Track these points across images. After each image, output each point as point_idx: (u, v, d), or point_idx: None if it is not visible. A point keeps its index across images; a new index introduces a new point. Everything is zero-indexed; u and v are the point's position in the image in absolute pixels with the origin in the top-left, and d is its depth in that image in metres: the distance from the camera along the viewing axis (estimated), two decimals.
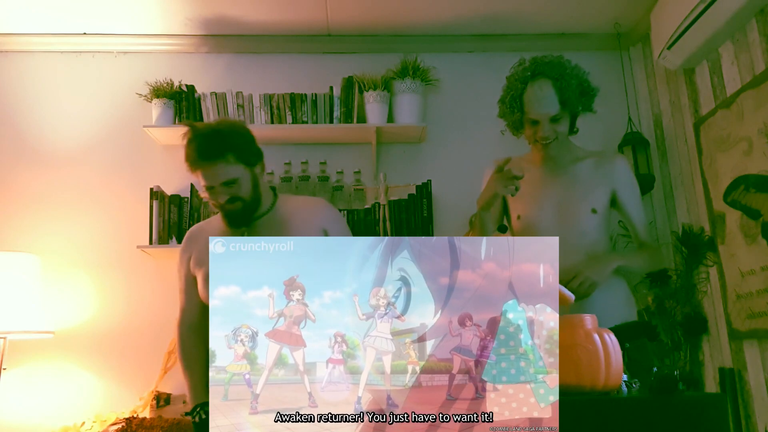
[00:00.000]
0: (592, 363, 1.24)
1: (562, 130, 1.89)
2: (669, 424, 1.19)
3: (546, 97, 1.82)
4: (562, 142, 1.92)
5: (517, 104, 1.87)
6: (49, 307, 2.72)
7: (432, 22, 3.06)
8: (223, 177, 1.74)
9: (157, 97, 2.91)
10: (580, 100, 1.87)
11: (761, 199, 2.31)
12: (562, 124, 1.87)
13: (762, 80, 2.29)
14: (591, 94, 1.92)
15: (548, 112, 1.82)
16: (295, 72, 3.12)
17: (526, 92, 1.85)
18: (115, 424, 2.46)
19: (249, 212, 1.82)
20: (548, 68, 1.84)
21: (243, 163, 1.77)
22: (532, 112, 1.84)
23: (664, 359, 2.76)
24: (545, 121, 1.84)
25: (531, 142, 1.95)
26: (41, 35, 3.04)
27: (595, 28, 3.15)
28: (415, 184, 2.86)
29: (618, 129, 3.04)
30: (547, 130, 1.84)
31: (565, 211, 1.90)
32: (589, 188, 1.93)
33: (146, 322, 2.81)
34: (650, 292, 2.81)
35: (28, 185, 2.92)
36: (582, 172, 1.95)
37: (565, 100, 1.82)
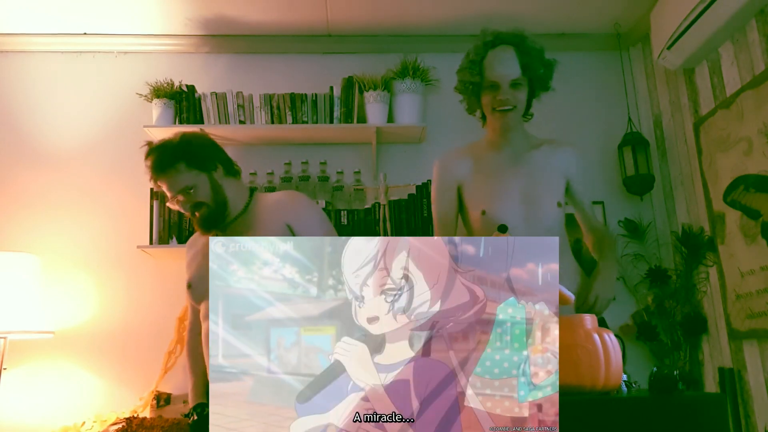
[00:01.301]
0: (592, 363, 1.24)
1: (521, 99, 1.83)
2: (669, 424, 1.19)
3: (507, 59, 1.79)
4: (518, 120, 1.87)
5: (476, 68, 1.83)
6: (49, 307, 2.72)
7: (432, 22, 3.06)
8: (178, 185, 1.81)
9: (158, 97, 2.91)
10: (541, 70, 1.83)
11: (761, 199, 2.31)
12: (521, 91, 1.82)
13: (762, 80, 2.29)
14: (550, 71, 1.87)
15: (509, 74, 1.79)
16: (295, 72, 3.13)
17: (487, 57, 1.82)
18: (115, 424, 2.46)
19: (217, 215, 1.86)
20: (510, 37, 1.83)
21: (197, 169, 1.82)
22: (492, 74, 1.80)
23: (664, 359, 2.77)
24: (505, 85, 1.79)
25: (489, 112, 1.87)
26: (41, 35, 3.04)
27: (595, 28, 3.15)
28: (415, 184, 2.86)
29: (618, 129, 3.05)
30: (506, 92, 1.79)
31: (531, 206, 1.84)
32: (550, 179, 1.88)
33: (146, 322, 2.81)
34: (650, 292, 2.82)
35: (28, 185, 2.92)
36: (540, 160, 1.89)
37: (526, 65, 1.79)
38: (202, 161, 1.84)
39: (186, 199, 1.83)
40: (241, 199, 1.92)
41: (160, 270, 2.86)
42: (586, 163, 2.09)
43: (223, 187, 1.87)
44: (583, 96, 3.17)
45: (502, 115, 1.83)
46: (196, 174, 1.82)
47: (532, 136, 1.98)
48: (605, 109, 3.16)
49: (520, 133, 1.92)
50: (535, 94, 1.91)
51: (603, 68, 3.22)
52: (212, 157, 1.88)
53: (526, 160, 1.90)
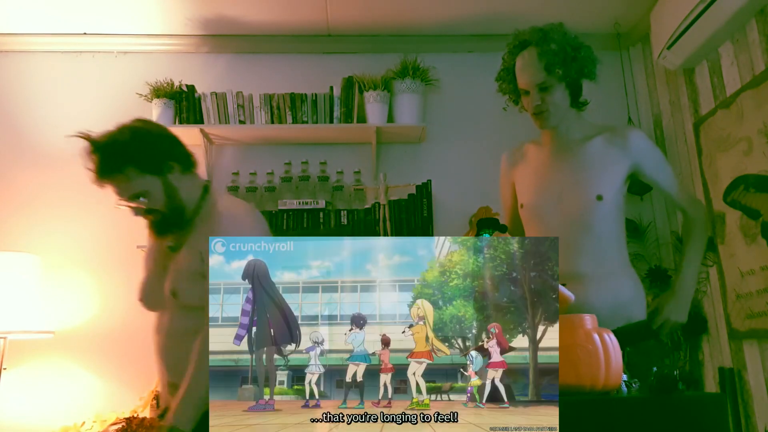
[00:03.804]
0: (592, 363, 1.24)
1: (556, 101, 1.78)
2: (669, 424, 1.19)
3: (531, 65, 1.76)
4: (561, 115, 1.82)
5: (509, 76, 1.84)
6: (49, 307, 2.72)
7: (432, 22, 3.06)
8: (128, 192, 1.58)
9: (158, 97, 2.91)
10: (569, 66, 1.77)
11: (761, 199, 2.31)
12: (554, 93, 1.77)
13: (762, 80, 2.29)
14: (583, 59, 1.80)
15: (533, 80, 1.76)
16: (295, 72, 3.12)
17: (516, 63, 1.81)
18: (115, 424, 2.46)
19: (172, 221, 1.63)
20: (531, 35, 1.80)
21: (150, 174, 1.57)
22: (520, 82, 1.80)
23: (664, 359, 2.77)
24: (534, 90, 1.77)
25: (530, 115, 1.85)
26: (41, 35, 3.04)
27: (595, 28, 3.14)
28: (415, 184, 2.86)
29: None
30: (536, 98, 1.77)
31: (566, 200, 1.78)
32: (598, 171, 1.79)
33: (147, 322, 2.76)
34: (650, 292, 2.82)
35: (28, 185, 2.92)
36: (592, 151, 1.81)
37: (549, 64, 1.74)
38: (156, 164, 1.58)
39: (137, 205, 1.60)
40: (195, 199, 1.67)
41: None
42: None
43: (179, 190, 1.62)
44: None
45: (538, 118, 1.82)
46: (149, 179, 1.57)
47: (592, 124, 1.91)
48: (605, 109, 3.15)
49: (568, 127, 1.86)
50: (577, 84, 1.85)
51: (603, 68, 3.20)
52: (167, 155, 1.61)
53: (574, 153, 1.84)
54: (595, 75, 1.85)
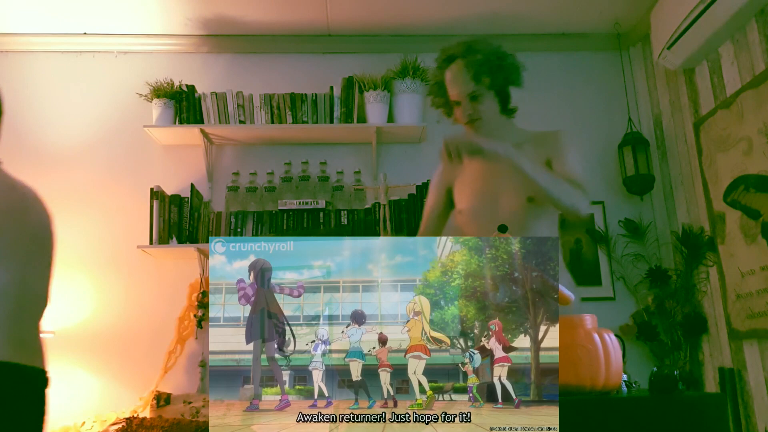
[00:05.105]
0: (592, 363, 1.24)
1: (486, 109, 1.85)
2: (669, 424, 1.19)
3: (459, 76, 1.84)
4: (494, 123, 1.88)
5: (441, 90, 1.90)
6: (48, 307, 2.71)
7: (432, 22, 3.06)
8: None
9: (158, 97, 2.91)
10: (496, 74, 1.83)
11: (761, 199, 2.31)
12: (484, 102, 1.84)
13: (762, 80, 2.29)
14: (508, 67, 1.86)
15: (464, 90, 1.83)
16: (295, 72, 3.12)
17: (445, 77, 1.88)
18: (115, 424, 2.46)
19: None
20: (457, 49, 1.86)
21: None
22: (451, 93, 1.87)
23: (664, 359, 2.77)
24: (465, 100, 1.84)
25: (465, 125, 1.92)
26: (41, 35, 3.04)
27: (595, 28, 3.15)
28: (415, 184, 2.86)
29: (618, 129, 3.05)
30: (468, 108, 1.85)
31: (501, 203, 1.84)
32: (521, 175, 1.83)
33: (146, 321, 2.81)
34: (650, 292, 2.83)
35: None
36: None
37: (477, 74, 1.82)
38: None
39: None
40: None
41: (159, 270, 2.86)
42: (587, 163, 2.07)
43: None
44: (583, 96, 3.17)
45: (472, 127, 1.89)
46: None
47: (522, 131, 1.97)
48: (605, 109, 3.16)
49: (502, 135, 1.89)
50: (505, 92, 1.91)
51: (603, 68, 3.22)
52: None
53: (504, 159, 1.85)
54: (521, 82, 1.90)
